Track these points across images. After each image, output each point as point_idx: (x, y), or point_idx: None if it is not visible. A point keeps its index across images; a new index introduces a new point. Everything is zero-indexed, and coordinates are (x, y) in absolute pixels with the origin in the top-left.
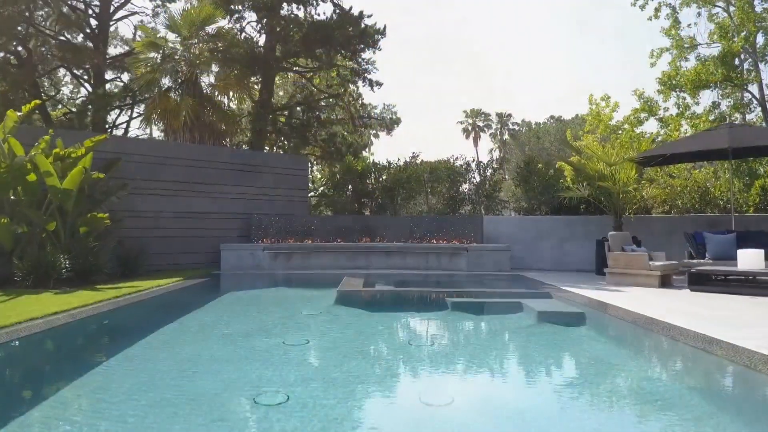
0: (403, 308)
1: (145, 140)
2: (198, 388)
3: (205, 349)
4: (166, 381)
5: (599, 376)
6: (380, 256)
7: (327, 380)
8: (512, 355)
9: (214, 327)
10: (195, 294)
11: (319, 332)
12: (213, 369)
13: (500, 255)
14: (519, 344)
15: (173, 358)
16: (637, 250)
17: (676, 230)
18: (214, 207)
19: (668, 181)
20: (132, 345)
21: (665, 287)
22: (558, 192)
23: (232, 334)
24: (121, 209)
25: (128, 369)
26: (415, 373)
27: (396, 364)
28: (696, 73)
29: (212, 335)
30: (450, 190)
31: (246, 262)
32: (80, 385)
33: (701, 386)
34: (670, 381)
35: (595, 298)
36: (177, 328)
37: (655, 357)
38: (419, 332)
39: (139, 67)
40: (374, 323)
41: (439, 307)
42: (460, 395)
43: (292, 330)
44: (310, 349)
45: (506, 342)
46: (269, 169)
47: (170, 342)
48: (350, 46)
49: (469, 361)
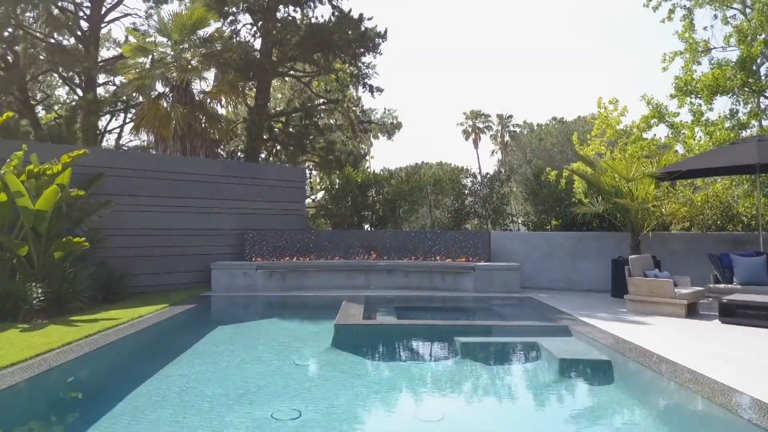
0: (407, 352)
1: (130, 153)
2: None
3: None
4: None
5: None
6: (381, 275)
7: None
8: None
9: (192, 391)
10: (177, 330)
11: (311, 398)
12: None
13: (509, 274)
14: (545, 417)
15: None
16: (660, 275)
17: (698, 249)
18: (205, 223)
19: (687, 194)
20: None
21: (692, 316)
22: (570, 207)
23: (211, 406)
24: (105, 227)
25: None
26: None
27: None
28: (714, 78)
29: (189, 405)
30: (455, 203)
31: (238, 282)
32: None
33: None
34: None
35: (621, 337)
36: (146, 395)
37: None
38: (427, 397)
39: (128, 72)
40: (375, 381)
41: (448, 350)
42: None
43: (281, 393)
44: (300, 428)
45: (529, 412)
46: (264, 182)
47: (136, 418)
48: (349, 50)
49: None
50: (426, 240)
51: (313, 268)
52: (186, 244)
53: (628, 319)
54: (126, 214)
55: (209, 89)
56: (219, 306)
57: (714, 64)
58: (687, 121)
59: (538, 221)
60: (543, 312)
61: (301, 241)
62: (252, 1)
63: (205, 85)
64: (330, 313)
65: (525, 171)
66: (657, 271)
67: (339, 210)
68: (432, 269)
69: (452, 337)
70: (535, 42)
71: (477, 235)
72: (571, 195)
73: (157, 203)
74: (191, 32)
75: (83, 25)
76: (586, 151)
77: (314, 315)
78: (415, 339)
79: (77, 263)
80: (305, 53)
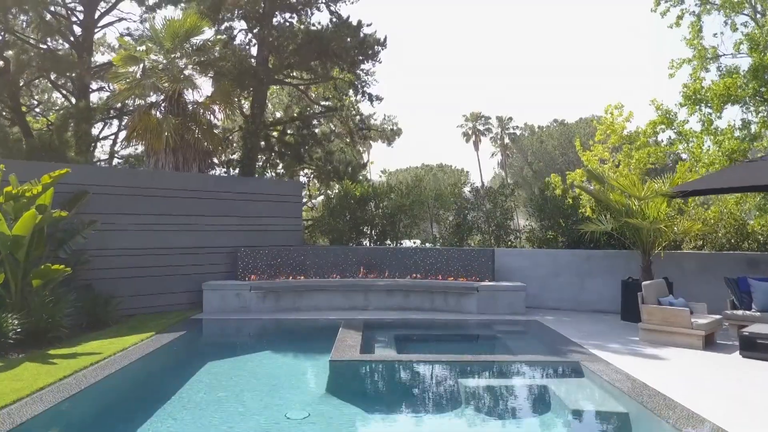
0: (408, 399)
1: (117, 169)
2: None
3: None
4: None
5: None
6: (380, 295)
7: None
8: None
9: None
10: (161, 368)
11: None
12: None
13: (514, 295)
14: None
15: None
16: (675, 303)
17: (712, 269)
18: (196, 240)
19: (700, 212)
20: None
21: (710, 347)
22: (577, 225)
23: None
24: (91, 248)
25: None
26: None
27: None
28: (725, 87)
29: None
30: (457, 218)
31: (231, 304)
32: None
33: None
34: None
35: (638, 379)
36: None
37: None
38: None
39: (119, 82)
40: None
41: (451, 397)
42: None
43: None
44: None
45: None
46: (258, 196)
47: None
48: (348, 58)
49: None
50: (427, 257)
51: (310, 288)
52: (176, 264)
53: (643, 352)
54: (113, 233)
55: (203, 99)
56: (209, 333)
57: (723, 71)
58: (696, 129)
59: (543, 237)
60: (551, 341)
61: (297, 259)
62: (248, 8)
63: (199, 95)
64: (326, 340)
65: (526, 174)
66: (671, 297)
67: (337, 224)
68: (434, 289)
69: (456, 378)
70: (535, 44)
71: (480, 253)
72: (577, 210)
73: (146, 221)
74: (184, 40)
75: (76, 30)
76: (588, 157)
77: (310, 344)
78: (415, 381)
79: (59, 288)
80: (302, 61)
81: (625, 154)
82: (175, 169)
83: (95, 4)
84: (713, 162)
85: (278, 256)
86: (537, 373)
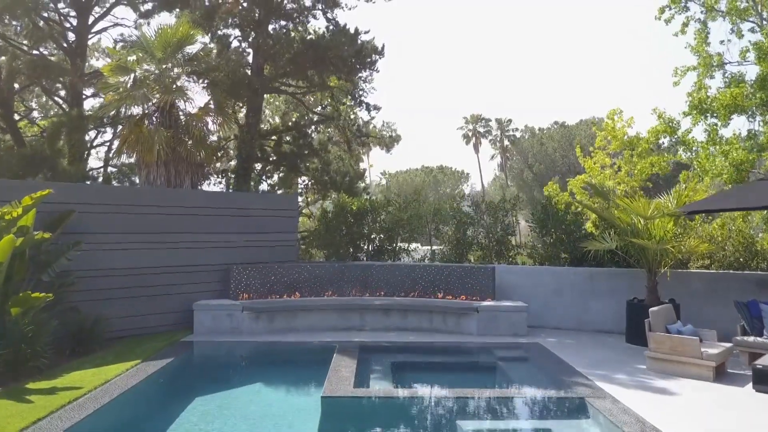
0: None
1: (104, 187)
2: None
3: None
4: None
5: None
6: (377, 314)
7: None
8: None
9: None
10: (146, 403)
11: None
12: None
13: (516, 316)
14: None
15: None
16: (683, 331)
17: (720, 289)
18: (187, 259)
19: (706, 229)
20: None
21: (721, 379)
22: (580, 242)
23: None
24: (76, 268)
25: None
26: None
27: None
28: (732, 98)
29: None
30: (457, 233)
31: (223, 325)
32: None
33: None
34: None
35: (649, 422)
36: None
37: None
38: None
39: (109, 93)
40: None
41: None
42: None
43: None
44: None
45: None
46: (252, 212)
47: None
48: (344, 67)
49: None
50: (426, 273)
51: (304, 307)
52: (166, 283)
53: (651, 385)
54: (99, 253)
55: (195, 111)
56: (198, 361)
57: (728, 78)
58: (700, 139)
59: (545, 254)
60: (554, 370)
61: (291, 276)
62: (242, 15)
63: (191, 106)
64: (321, 367)
65: (527, 176)
66: (680, 324)
67: (333, 239)
68: (432, 309)
69: (454, 421)
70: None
71: (481, 270)
72: (580, 227)
73: (135, 239)
74: (176, 50)
75: (70, 36)
76: (590, 164)
77: (303, 372)
78: (411, 420)
79: (42, 314)
80: (298, 70)
81: (626, 160)
82: (166, 183)
83: (89, 10)
84: (720, 173)
85: (272, 273)
86: (540, 412)
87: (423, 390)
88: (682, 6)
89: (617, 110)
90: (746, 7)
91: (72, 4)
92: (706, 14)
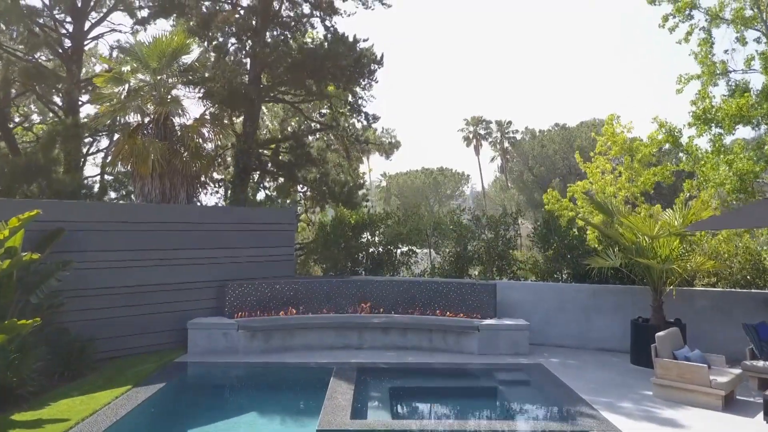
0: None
1: (95, 204)
2: None
3: None
4: None
5: None
6: (376, 333)
7: None
8: None
9: None
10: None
11: None
12: None
13: (517, 334)
14: None
15: None
16: (691, 357)
17: (727, 308)
18: (180, 276)
19: (712, 245)
20: None
21: (730, 408)
22: (583, 260)
23: None
24: (67, 288)
25: None
26: None
27: None
28: (738, 108)
29: None
30: (457, 247)
31: (218, 344)
32: None
33: None
34: None
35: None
36: None
37: None
38: None
39: (102, 104)
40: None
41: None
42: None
43: None
44: None
45: None
46: (247, 226)
47: None
48: (343, 77)
49: None
50: (426, 289)
51: (300, 325)
52: (160, 301)
53: (659, 416)
54: (90, 272)
55: (191, 122)
56: (191, 385)
57: (732, 86)
58: (705, 149)
59: (547, 269)
60: (557, 396)
61: (288, 292)
62: (239, 23)
63: (187, 118)
64: (317, 392)
65: (527, 178)
66: (687, 349)
67: (332, 253)
68: (432, 327)
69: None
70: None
71: (482, 287)
72: (584, 243)
73: (127, 257)
74: (171, 60)
75: (65, 42)
76: (591, 169)
77: (299, 398)
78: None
79: (30, 338)
80: (296, 79)
81: (627, 165)
82: (161, 195)
83: (84, 16)
84: (723, 183)
85: (268, 288)
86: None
87: (421, 423)
88: (686, 14)
89: (615, 116)
90: (752, 15)
91: (68, 10)
92: (710, 22)
